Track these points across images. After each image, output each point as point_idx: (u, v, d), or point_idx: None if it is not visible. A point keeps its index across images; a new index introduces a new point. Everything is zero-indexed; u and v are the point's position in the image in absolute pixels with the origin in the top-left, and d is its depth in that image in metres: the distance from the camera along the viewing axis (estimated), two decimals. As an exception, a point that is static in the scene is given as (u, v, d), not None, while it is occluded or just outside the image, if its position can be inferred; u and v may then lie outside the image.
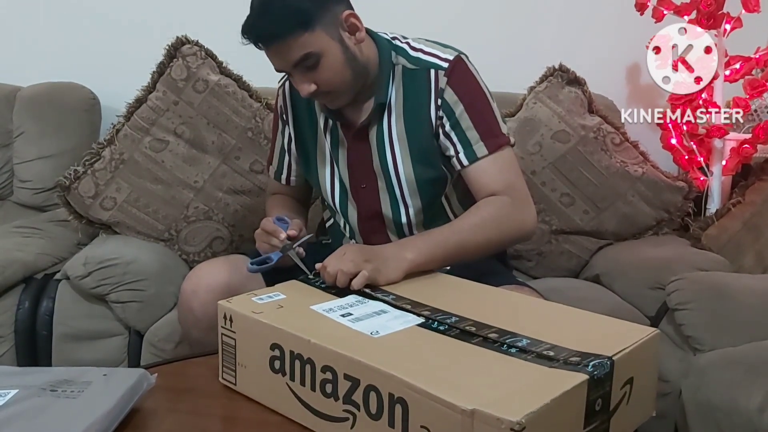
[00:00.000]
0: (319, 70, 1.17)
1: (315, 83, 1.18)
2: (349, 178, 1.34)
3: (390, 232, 1.36)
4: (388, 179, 1.31)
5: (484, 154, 1.23)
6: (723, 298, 1.49)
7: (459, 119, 1.24)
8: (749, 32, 2.05)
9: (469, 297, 1.04)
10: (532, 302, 1.07)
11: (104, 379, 0.95)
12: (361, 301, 0.99)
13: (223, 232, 1.85)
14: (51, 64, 2.17)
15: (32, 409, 0.86)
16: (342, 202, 1.37)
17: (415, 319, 0.91)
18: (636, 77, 2.35)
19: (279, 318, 0.90)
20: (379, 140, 1.29)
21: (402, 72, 1.27)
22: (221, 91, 1.84)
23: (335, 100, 1.24)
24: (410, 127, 1.27)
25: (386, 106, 1.27)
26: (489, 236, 1.19)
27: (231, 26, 2.28)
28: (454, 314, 0.92)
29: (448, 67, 1.24)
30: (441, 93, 1.24)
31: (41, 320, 1.61)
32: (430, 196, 1.32)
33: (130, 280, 1.56)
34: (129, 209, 1.79)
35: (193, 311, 1.22)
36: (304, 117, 1.37)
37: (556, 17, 2.31)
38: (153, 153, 1.81)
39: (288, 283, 1.07)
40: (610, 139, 1.98)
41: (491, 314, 0.92)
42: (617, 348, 0.79)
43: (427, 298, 0.99)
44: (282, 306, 0.96)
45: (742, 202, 1.99)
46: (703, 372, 1.38)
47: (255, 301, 0.97)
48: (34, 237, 1.81)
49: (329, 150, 1.34)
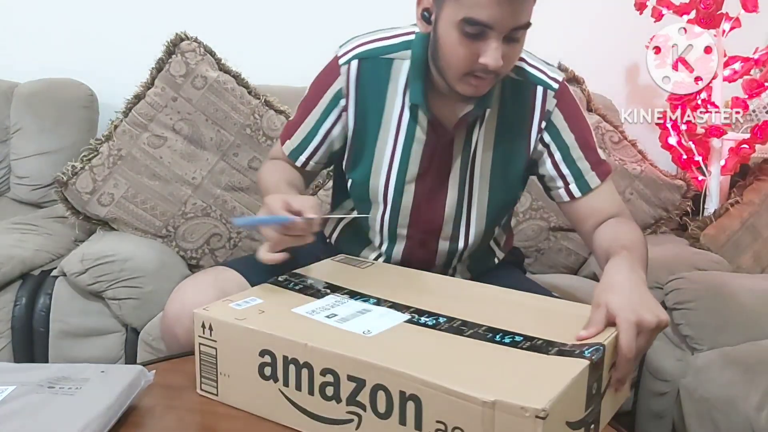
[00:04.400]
0: (517, 45, 1.04)
1: (502, 59, 1.01)
2: (416, 183, 1.20)
3: (440, 251, 1.24)
4: (463, 193, 1.20)
5: (597, 184, 1.18)
6: (721, 298, 1.50)
7: (570, 150, 1.18)
8: (748, 32, 2.05)
9: (447, 295, 1.03)
10: (510, 295, 1.04)
11: (102, 376, 0.94)
12: (340, 301, 0.96)
13: (220, 228, 1.84)
14: (49, 60, 2.16)
15: (30, 406, 0.85)
16: (395, 207, 1.21)
17: (401, 316, 0.90)
18: (635, 76, 2.35)
19: (266, 323, 0.88)
20: (465, 149, 1.17)
21: (504, 81, 1.15)
22: (220, 88, 1.84)
23: (490, 84, 1.08)
24: (504, 145, 1.18)
25: (483, 114, 1.16)
26: (645, 247, 1.08)
27: (230, 22, 2.29)
28: (439, 313, 0.91)
29: (558, 88, 1.17)
30: (548, 115, 1.17)
31: (38, 317, 1.60)
32: (495, 213, 1.24)
33: (127, 277, 1.56)
34: (126, 205, 1.78)
35: (177, 337, 1.11)
36: (370, 105, 1.19)
37: (554, 16, 2.31)
38: (151, 149, 1.80)
39: (261, 287, 1.03)
40: (609, 137, 1.99)
41: (473, 311, 0.91)
42: (607, 334, 0.82)
43: (407, 298, 0.97)
44: (263, 311, 0.92)
45: (740, 202, 2.00)
46: (701, 371, 1.38)
47: (234, 308, 0.93)
48: (32, 233, 1.80)
49: (399, 148, 1.19)
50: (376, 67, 1.17)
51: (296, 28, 2.22)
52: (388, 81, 1.17)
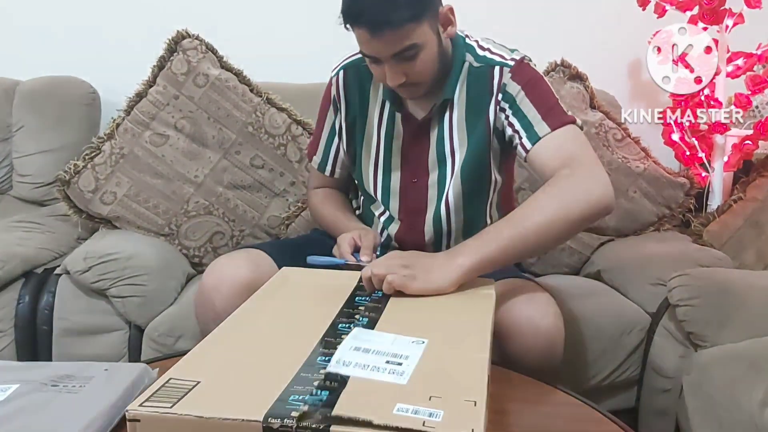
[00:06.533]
0: (415, 62, 1.16)
1: (405, 74, 1.17)
2: (401, 171, 1.34)
3: (427, 230, 1.34)
4: (442, 174, 1.31)
5: (546, 132, 1.17)
6: (725, 295, 1.49)
7: (520, 105, 1.21)
8: (751, 28, 2.05)
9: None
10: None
11: (106, 374, 0.95)
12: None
13: (223, 227, 1.84)
14: (51, 57, 2.16)
15: (34, 404, 0.86)
16: (384, 196, 1.37)
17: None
18: (638, 73, 2.34)
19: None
20: (439, 135, 1.29)
21: (468, 69, 1.27)
22: (222, 86, 1.84)
23: (416, 91, 1.23)
24: (470, 124, 1.27)
25: (451, 102, 1.28)
26: (549, 216, 1.06)
27: (231, 20, 2.29)
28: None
29: (513, 65, 1.23)
30: (503, 87, 1.23)
31: (41, 315, 1.60)
32: (474, 194, 1.32)
33: (131, 274, 1.56)
34: (129, 204, 1.78)
35: (214, 307, 1.17)
36: (356, 107, 1.37)
37: (557, 12, 2.31)
38: (153, 147, 1.80)
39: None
40: (612, 134, 1.98)
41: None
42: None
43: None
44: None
45: (743, 199, 1.99)
46: (705, 368, 1.38)
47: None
48: (34, 231, 1.80)
49: (382, 142, 1.34)
50: (358, 74, 1.35)
51: (297, 25, 2.22)
52: (369, 84, 1.34)
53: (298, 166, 1.88)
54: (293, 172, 1.88)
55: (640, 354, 1.62)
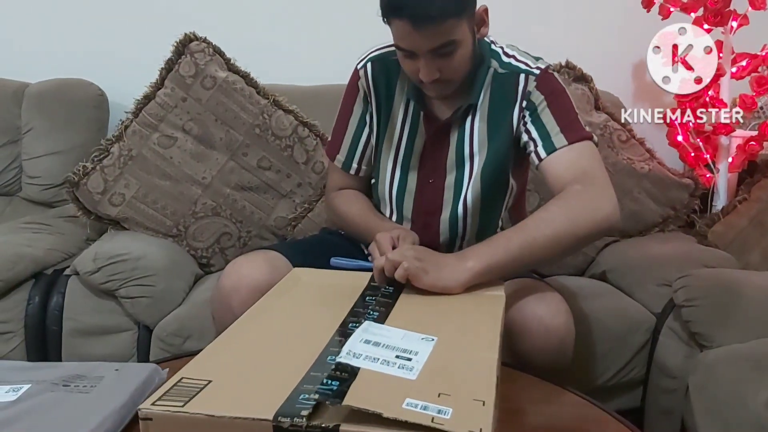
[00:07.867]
0: (451, 58, 1.16)
1: (440, 71, 1.17)
2: (418, 171, 1.34)
3: (442, 231, 1.34)
4: (459, 176, 1.30)
5: (563, 144, 1.20)
6: (730, 295, 1.49)
7: (540, 114, 1.23)
8: (756, 29, 2.05)
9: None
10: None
11: (116, 374, 0.96)
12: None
13: (230, 228, 1.86)
14: (59, 60, 2.17)
15: (45, 404, 0.87)
16: (399, 194, 1.36)
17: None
18: (642, 74, 2.34)
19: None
20: (459, 138, 1.29)
21: (493, 75, 1.27)
22: (229, 88, 1.85)
23: (446, 89, 1.23)
24: (491, 129, 1.27)
25: (475, 107, 1.28)
26: (558, 230, 1.09)
27: (239, 23, 2.30)
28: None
29: (539, 74, 1.24)
30: (527, 95, 1.24)
31: (51, 315, 1.62)
32: (491, 198, 1.32)
33: (140, 275, 1.57)
34: (137, 205, 1.80)
35: (232, 309, 1.15)
36: (381, 100, 1.35)
37: (562, 14, 2.31)
38: (161, 149, 1.82)
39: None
40: (617, 136, 1.99)
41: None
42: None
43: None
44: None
45: (748, 199, 1.99)
46: (710, 368, 1.38)
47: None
48: (44, 233, 1.82)
49: (404, 139, 1.34)
50: (385, 67, 1.33)
51: (305, 28, 2.23)
52: (396, 79, 1.32)
53: (304, 167, 1.89)
54: (300, 173, 1.89)
55: (645, 354, 1.62)
